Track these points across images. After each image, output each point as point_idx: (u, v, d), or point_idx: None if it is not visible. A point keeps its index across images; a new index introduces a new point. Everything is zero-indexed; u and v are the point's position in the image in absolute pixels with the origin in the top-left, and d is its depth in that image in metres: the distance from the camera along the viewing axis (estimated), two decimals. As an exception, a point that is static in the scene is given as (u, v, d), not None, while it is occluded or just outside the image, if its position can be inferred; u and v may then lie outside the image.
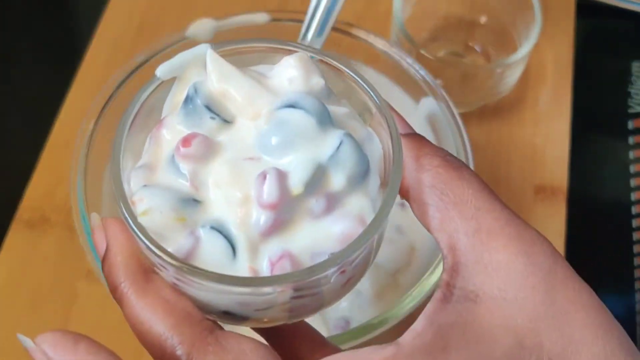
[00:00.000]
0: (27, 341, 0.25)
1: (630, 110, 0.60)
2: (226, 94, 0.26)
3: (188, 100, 0.26)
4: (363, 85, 0.27)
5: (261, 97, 0.26)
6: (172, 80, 0.27)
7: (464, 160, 0.43)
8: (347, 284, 0.27)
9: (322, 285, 0.25)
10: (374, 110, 0.27)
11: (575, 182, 0.55)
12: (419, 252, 0.45)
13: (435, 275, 0.39)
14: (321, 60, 0.27)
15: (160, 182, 0.25)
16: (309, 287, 0.25)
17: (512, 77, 0.55)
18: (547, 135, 0.56)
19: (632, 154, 0.58)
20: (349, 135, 0.25)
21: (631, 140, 0.59)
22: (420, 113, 0.47)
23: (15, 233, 0.51)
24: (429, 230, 0.25)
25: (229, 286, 0.23)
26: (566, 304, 0.23)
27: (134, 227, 0.24)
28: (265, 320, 0.27)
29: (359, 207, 0.25)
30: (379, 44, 0.48)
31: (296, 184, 0.24)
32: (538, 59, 0.60)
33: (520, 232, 0.24)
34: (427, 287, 0.39)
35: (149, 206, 0.24)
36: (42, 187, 0.53)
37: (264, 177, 0.24)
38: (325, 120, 0.25)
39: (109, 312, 0.48)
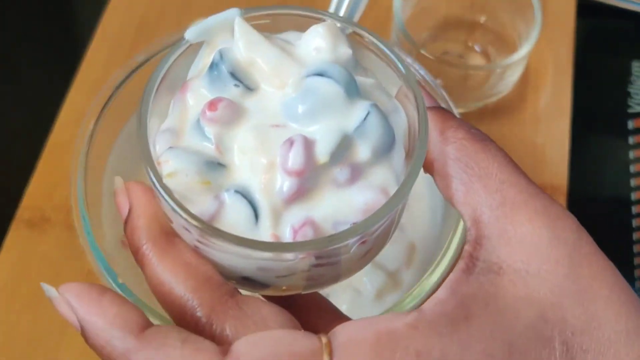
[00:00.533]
0: (51, 290, 0.24)
1: (630, 110, 0.60)
2: (253, 62, 0.26)
3: (213, 66, 0.26)
4: (392, 57, 0.27)
5: (288, 66, 0.26)
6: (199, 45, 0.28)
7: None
8: (367, 256, 0.27)
9: (342, 254, 0.25)
10: (400, 82, 0.27)
11: (575, 181, 0.55)
12: (419, 251, 0.45)
13: (435, 274, 0.39)
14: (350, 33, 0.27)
15: (186, 145, 0.25)
16: (329, 255, 0.25)
17: (512, 77, 0.55)
18: (547, 135, 0.56)
19: (632, 154, 0.58)
20: (375, 106, 0.25)
21: (631, 140, 0.59)
22: (420, 113, 0.47)
23: (15, 232, 0.51)
24: (452, 203, 0.25)
25: (250, 250, 0.23)
26: (590, 280, 0.23)
27: (159, 187, 0.24)
28: (284, 288, 0.26)
29: (383, 178, 0.25)
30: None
31: (322, 153, 0.24)
32: (538, 58, 0.60)
33: (546, 206, 0.24)
34: (428, 287, 0.39)
35: (175, 168, 0.24)
36: (42, 186, 0.53)
37: (291, 144, 0.24)
38: (353, 91, 0.25)
39: (109, 312, 0.48)
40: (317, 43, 0.26)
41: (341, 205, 0.25)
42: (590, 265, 0.23)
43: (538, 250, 0.23)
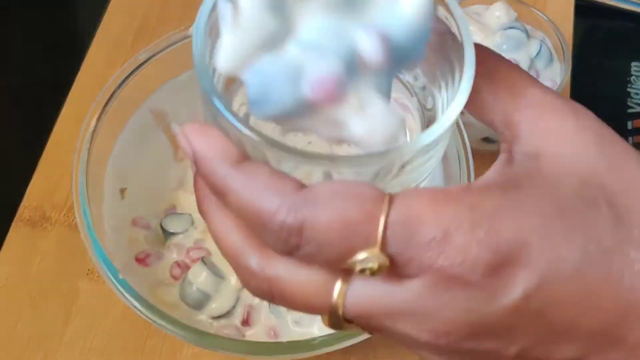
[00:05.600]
0: (175, 127, 0.27)
1: (630, 111, 0.61)
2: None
3: None
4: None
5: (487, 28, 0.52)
6: None
7: (462, 160, 0.43)
8: None
9: None
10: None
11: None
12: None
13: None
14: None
15: None
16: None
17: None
18: (547, 135, 0.56)
19: (631, 154, 0.59)
20: (543, 42, 0.52)
21: (631, 140, 0.59)
22: (420, 113, 0.47)
23: (16, 231, 0.51)
24: (482, 116, 0.27)
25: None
26: (618, 155, 0.25)
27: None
28: None
29: (551, 74, 0.53)
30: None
31: (523, 67, 0.39)
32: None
33: (566, 102, 0.26)
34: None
35: None
36: (42, 185, 0.53)
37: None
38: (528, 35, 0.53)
39: (110, 310, 0.48)
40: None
41: None
42: (615, 144, 0.26)
43: (568, 137, 0.25)
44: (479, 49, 0.27)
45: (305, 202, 0.23)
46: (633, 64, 0.63)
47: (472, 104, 0.27)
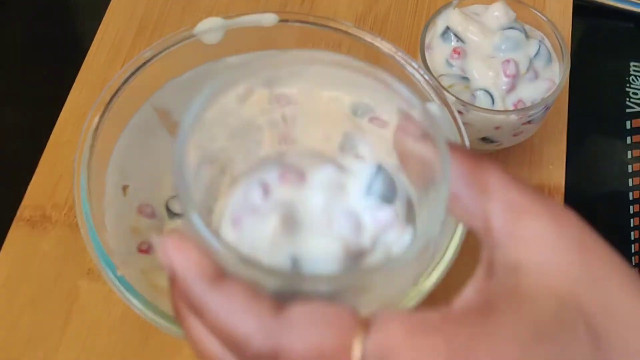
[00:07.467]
0: (155, 239, 0.27)
1: (629, 110, 0.61)
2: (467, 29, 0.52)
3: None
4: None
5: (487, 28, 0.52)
6: None
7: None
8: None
9: None
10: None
11: (573, 181, 0.55)
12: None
13: (432, 277, 0.39)
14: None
15: None
16: None
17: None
18: (545, 135, 0.56)
19: (630, 154, 0.59)
20: (541, 42, 0.52)
21: (629, 139, 0.59)
22: (423, 116, 0.47)
23: (16, 231, 0.51)
24: (461, 219, 0.27)
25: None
26: (599, 267, 0.25)
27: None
28: None
29: (550, 74, 0.52)
30: (384, 47, 0.47)
31: (522, 67, 0.50)
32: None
33: (546, 205, 0.26)
34: (426, 288, 0.39)
35: None
36: (43, 185, 0.53)
37: (508, 62, 0.50)
38: (527, 34, 0.52)
39: (110, 310, 0.48)
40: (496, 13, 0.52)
41: (532, 91, 0.50)
42: (596, 253, 0.25)
43: (548, 246, 0.25)
44: (455, 151, 0.26)
45: (281, 328, 0.23)
46: (632, 64, 0.63)
47: (455, 209, 0.27)
